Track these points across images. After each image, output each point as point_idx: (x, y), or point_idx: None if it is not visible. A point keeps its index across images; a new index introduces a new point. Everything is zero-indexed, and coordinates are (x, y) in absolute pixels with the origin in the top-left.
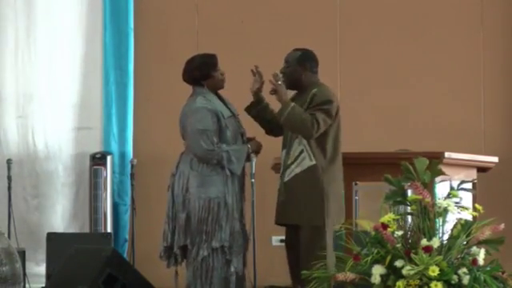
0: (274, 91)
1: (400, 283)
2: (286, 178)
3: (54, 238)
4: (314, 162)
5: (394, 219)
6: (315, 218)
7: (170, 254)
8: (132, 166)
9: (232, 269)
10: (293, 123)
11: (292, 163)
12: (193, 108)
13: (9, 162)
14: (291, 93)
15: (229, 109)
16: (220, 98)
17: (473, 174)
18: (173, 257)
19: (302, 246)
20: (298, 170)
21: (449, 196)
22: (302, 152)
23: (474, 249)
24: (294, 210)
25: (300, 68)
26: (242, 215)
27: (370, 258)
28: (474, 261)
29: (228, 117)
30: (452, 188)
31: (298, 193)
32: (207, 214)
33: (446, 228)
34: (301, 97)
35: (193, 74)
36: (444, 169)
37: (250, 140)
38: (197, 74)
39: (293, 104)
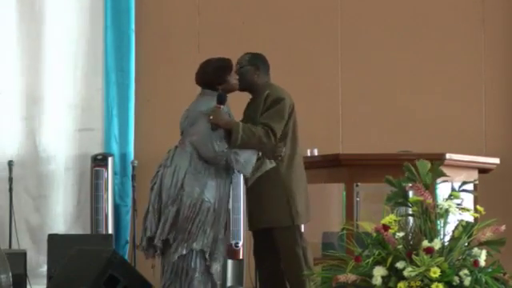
0: (216, 125)
1: (401, 284)
2: (249, 184)
3: (55, 240)
4: (273, 164)
5: (395, 220)
6: (285, 218)
7: (150, 245)
8: (133, 168)
9: (210, 274)
10: (250, 145)
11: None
12: (210, 108)
13: (10, 163)
14: (245, 98)
15: None
16: None
17: (474, 175)
18: (152, 248)
19: (281, 249)
20: (258, 175)
21: (450, 197)
22: (260, 158)
23: (476, 250)
24: (261, 214)
25: (252, 68)
26: (227, 223)
27: (371, 260)
28: (476, 262)
29: None
30: (453, 189)
31: (263, 196)
32: (196, 214)
33: (448, 229)
34: (255, 100)
35: (206, 78)
36: (445, 170)
37: None
38: (211, 78)
39: (241, 125)
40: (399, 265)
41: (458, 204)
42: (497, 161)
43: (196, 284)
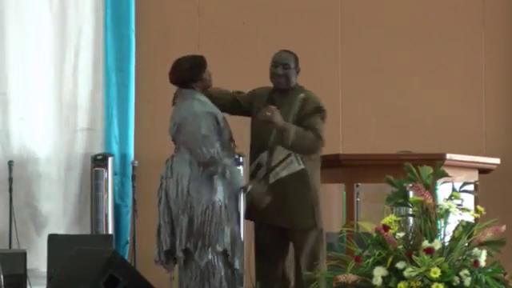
0: (272, 123)
1: (401, 285)
2: (271, 180)
3: (55, 240)
4: (302, 166)
5: (395, 221)
6: (309, 221)
7: (169, 258)
8: (133, 168)
9: (234, 271)
10: (301, 147)
11: (277, 166)
12: (192, 112)
13: (10, 163)
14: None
15: None
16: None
17: (474, 175)
18: (172, 260)
19: (302, 251)
20: (283, 174)
21: (450, 197)
22: (289, 156)
23: (476, 250)
24: (285, 214)
25: (297, 70)
26: (239, 217)
27: (371, 260)
28: (476, 262)
29: (222, 117)
30: (454, 189)
31: (289, 196)
32: (211, 218)
33: (448, 229)
34: (283, 98)
35: (182, 75)
36: (445, 170)
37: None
38: (187, 76)
39: (294, 128)
40: (399, 265)
41: (459, 204)
42: (497, 161)
43: (224, 284)
